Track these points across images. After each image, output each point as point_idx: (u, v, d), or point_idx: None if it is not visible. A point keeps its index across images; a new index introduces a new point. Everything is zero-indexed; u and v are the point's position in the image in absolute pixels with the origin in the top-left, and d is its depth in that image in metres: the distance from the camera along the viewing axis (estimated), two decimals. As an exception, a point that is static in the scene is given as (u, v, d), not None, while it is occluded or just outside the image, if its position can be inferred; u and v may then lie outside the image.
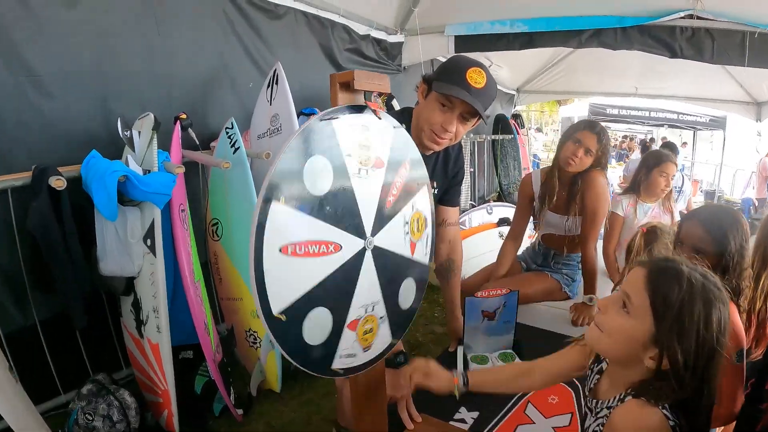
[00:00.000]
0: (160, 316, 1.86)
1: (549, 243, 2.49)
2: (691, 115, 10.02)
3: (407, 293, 1.46)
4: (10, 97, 1.96)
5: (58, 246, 1.77)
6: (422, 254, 1.50)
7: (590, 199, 2.25)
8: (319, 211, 1.12)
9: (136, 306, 2.01)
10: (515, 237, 2.57)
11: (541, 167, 2.59)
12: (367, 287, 1.29)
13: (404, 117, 1.68)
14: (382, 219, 1.29)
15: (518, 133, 7.22)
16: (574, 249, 2.40)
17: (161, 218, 1.90)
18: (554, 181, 2.33)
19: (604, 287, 2.39)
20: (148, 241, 1.89)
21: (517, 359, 1.71)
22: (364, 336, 1.33)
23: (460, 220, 4.97)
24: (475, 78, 1.50)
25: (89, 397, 1.94)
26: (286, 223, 1.06)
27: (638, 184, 2.75)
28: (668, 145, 6.21)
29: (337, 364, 1.26)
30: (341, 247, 1.18)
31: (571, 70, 6.59)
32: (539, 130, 16.08)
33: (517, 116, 7.74)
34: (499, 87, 6.90)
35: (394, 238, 1.35)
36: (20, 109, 2.00)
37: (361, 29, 3.81)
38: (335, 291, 1.19)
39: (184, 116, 2.28)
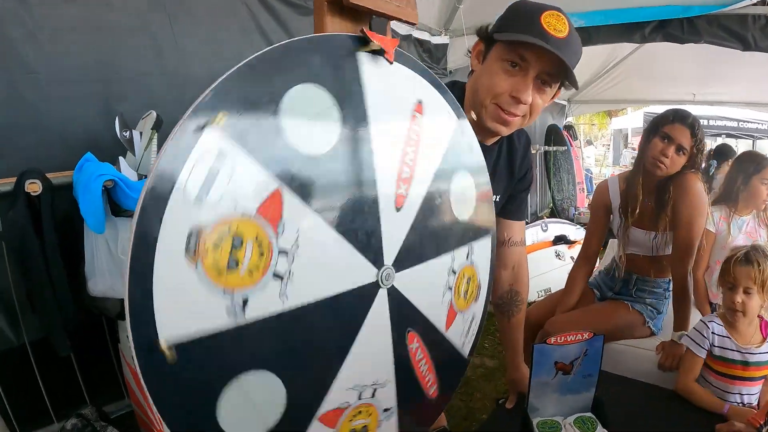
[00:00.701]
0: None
1: (631, 266, 2.06)
2: (751, 122, 9.44)
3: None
4: (4, 96, 1.79)
5: (36, 261, 1.53)
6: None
7: (685, 210, 1.83)
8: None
9: (133, 332, 1.74)
10: (588, 259, 2.16)
11: (619, 173, 2.17)
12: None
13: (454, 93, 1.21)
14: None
15: (571, 145, 6.82)
16: (661, 272, 1.98)
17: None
18: (637, 189, 1.92)
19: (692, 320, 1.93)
20: (144, 257, 1.62)
21: (600, 428, 1.28)
22: None
23: (513, 238, 4.65)
24: (554, 24, 1.01)
25: None
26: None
27: (735, 195, 2.31)
28: (724, 149, 5.73)
29: None
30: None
31: (625, 77, 6.22)
32: (590, 143, 15.27)
33: (569, 127, 7.37)
34: None
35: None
36: (15, 108, 1.81)
37: (401, 29, 3.49)
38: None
39: (195, 117, 2.03)
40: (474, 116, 1.16)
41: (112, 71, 2.05)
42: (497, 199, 1.37)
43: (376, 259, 0.81)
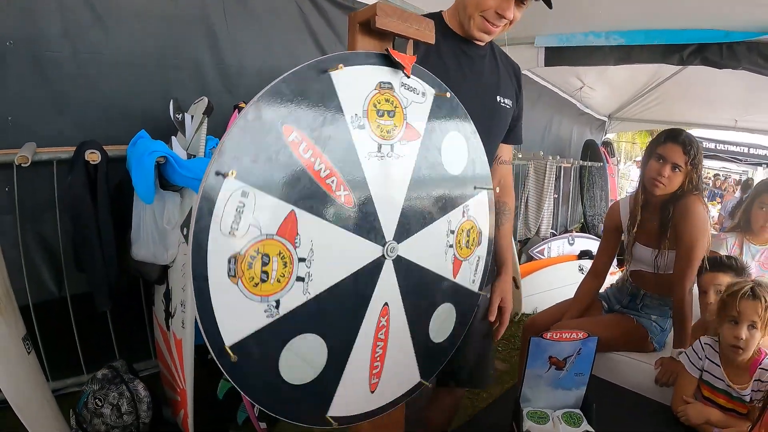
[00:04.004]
0: (186, 311, 1.73)
1: (638, 281, 2.13)
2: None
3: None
4: (70, 72, 1.96)
5: (88, 223, 1.69)
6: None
7: (686, 231, 1.88)
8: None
9: (167, 297, 1.90)
10: (597, 274, 2.24)
11: (632, 194, 2.24)
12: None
13: (433, 18, 1.36)
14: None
15: (608, 162, 6.80)
16: (666, 290, 2.01)
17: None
18: (636, 208, 2.02)
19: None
20: (185, 230, 1.77)
21: (585, 424, 1.36)
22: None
23: (539, 249, 4.75)
24: None
25: (102, 383, 1.86)
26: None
27: (747, 221, 2.33)
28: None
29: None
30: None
31: (667, 98, 6.14)
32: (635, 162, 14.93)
33: (607, 144, 7.31)
34: (590, 112, 6.63)
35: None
36: (78, 84, 1.99)
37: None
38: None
39: (243, 105, 2.16)
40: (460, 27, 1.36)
41: (169, 57, 2.20)
42: (510, 104, 1.48)
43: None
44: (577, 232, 6.05)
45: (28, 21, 1.82)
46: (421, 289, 1.10)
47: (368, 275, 0.97)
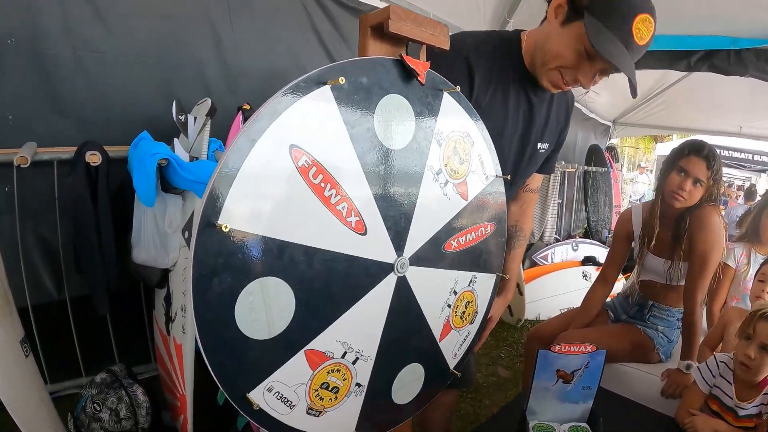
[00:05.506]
0: (187, 316, 1.70)
1: (647, 292, 2.09)
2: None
3: (408, 383, 1.09)
4: (70, 71, 1.94)
5: (88, 225, 1.68)
6: (451, 351, 1.17)
7: (701, 242, 1.84)
8: (370, 159, 0.84)
9: (168, 301, 1.87)
10: (605, 282, 2.19)
11: (644, 202, 2.17)
12: (363, 323, 0.93)
13: (511, 44, 1.28)
14: (430, 254, 1.00)
15: (612, 167, 6.73)
16: (676, 302, 1.99)
17: (204, 210, 1.75)
18: (654, 220, 1.95)
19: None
20: (186, 234, 1.75)
21: None
22: (320, 390, 0.91)
23: (542, 254, 4.72)
24: (642, 31, 1.06)
25: (101, 387, 1.83)
26: (325, 122, 0.78)
27: (756, 231, 2.30)
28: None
29: (259, 395, 0.83)
30: (366, 230, 0.87)
31: (672, 104, 6.09)
32: (643, 167, 14.82)
33: (611, 149, 7.24)
34: (594, 117, 6.57)
35: (430, 294, 1.04)
36: (78, 83, 1.97)
37: (453, 39, 3.52)
38: (320, 287, 0.84)
39: (247, 106, 2.15)
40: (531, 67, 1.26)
41: (172, 57, 2.17)
42: (547, 148, 1.44)
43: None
44: (580, 237, 6.01)
45: (29, 19, 1.79)
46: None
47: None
